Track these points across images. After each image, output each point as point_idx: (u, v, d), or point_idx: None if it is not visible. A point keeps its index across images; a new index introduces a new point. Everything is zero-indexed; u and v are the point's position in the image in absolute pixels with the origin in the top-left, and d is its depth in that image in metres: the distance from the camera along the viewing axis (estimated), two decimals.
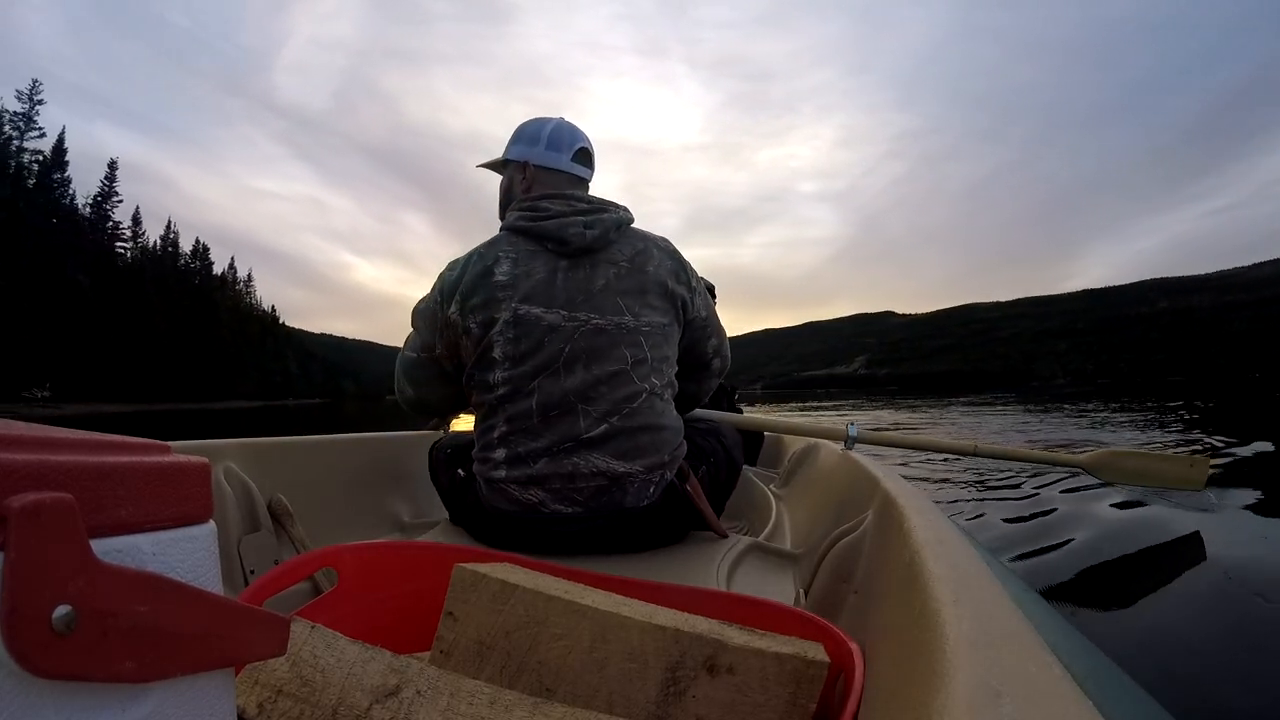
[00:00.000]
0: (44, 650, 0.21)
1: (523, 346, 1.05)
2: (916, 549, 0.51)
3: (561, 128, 1.21)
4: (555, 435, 1.02)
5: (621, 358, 1.05)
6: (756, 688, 0.51)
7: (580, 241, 1.07)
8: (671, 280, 1.12)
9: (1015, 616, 0.38)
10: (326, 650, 0.49)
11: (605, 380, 1.03)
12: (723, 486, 1.24)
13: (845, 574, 0.77)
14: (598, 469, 1.01)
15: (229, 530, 0.98)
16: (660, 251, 1.13)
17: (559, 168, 1.19)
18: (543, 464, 1.02)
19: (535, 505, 1.03)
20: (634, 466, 1.02)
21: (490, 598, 0.57)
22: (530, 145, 1.20)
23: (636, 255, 1.10)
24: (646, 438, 1.04)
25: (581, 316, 1.05)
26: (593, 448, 1.02)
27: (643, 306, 1.08)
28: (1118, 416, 8.34)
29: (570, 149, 1.20)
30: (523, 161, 1.20)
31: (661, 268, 1.11)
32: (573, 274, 1.08)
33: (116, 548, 0.25)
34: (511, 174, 1.23)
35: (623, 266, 1.09)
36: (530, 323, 1.05)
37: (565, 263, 1.08)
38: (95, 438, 0.26)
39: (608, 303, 1.06)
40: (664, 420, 1.07)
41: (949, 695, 0.29)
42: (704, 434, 1.24)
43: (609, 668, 0.53)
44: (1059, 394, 28.27)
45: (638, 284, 1.09)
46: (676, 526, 1.09)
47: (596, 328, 1.05)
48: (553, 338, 1.04)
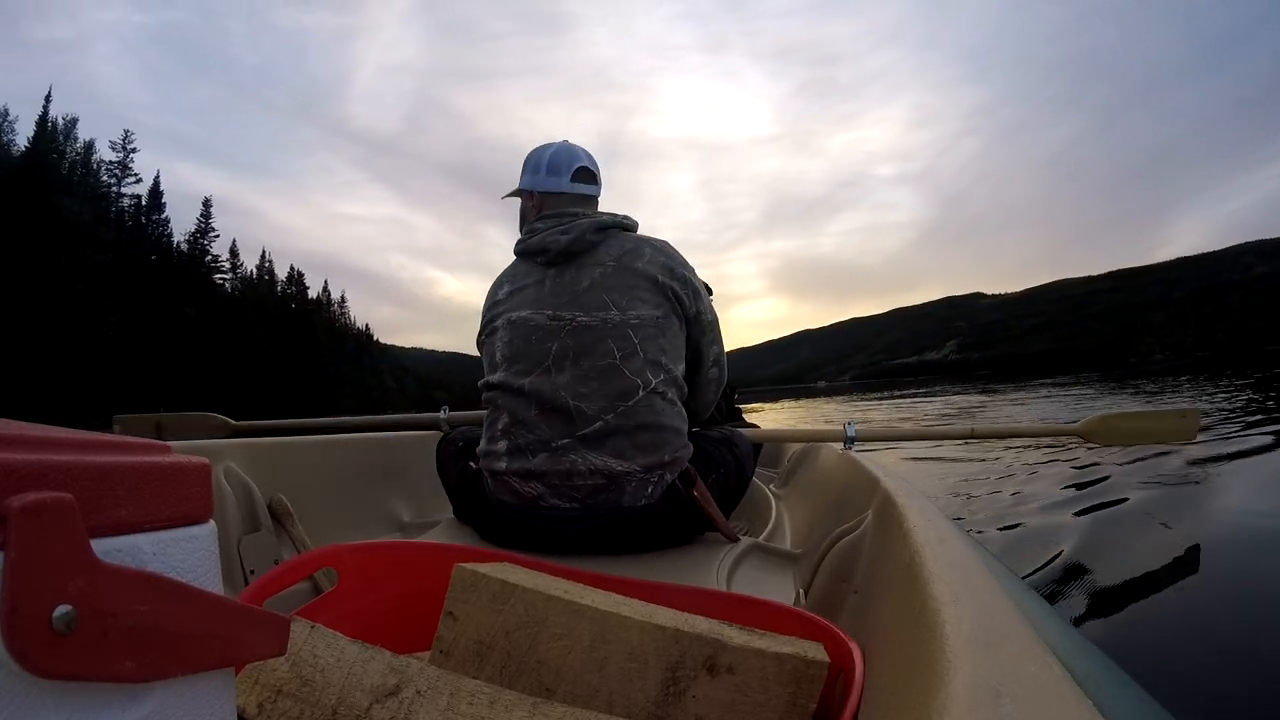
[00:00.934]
0: (44, 650, 0.21)
1: (515, 347, 1.11)
2: (916, 549, 0.51)
3: (560, 152, 1.27)
4: (552, 430, 1.05)
5: (609, 351, 1.07)
6: (756, 687, 0.51)
7: (556, 247, 1.13)
8: (663, 275, 1.13)
9: (1015, 616, 0.38)
10: (326, 650, 0.49)
11: (595, 375, 1.06)
12: (732, 494, 1.24)
13: (845, 574, 0.77)
14: (595, 467, 1.03)
15: (229, 530, 0.98)
16: (653, 250, 1.16)
17: (560, 190, 1.25)
18: (541, 459, 1.05)
19: (534, 499, 1.05)
20: (632, 465, 1.03)
21: (490, 597, 0.57)
22: (534, 174, 1.27)
23: (625, 254, 1.14)
24: (646, 436, 1.05)
25: (566, 315, 1.09)
26: (590, 445, 1.03)
27: (631, 300, 1.10)
28: (1219, 395, 7.50)
29: (569, 170, 1.26)
30: (530, 190, 1.28)
31: (652, 263, 1.13)
32: (560, 279, 1.13)
33: (117, 548, 0.25)
34: (523, 202, 1.30)
35: (609, 266, 1.12)
36: (520, 324, 1.12)
37: (553, 270, 1.14)
38: (95, 438, 0.26)
39: (593, 300, 1.09)
40: (664, 420, 1.07)
41: (949, 695, 0.29)
42: (716, 443, 1.24)
43: (609, 667, 0.53)
44: (1156, 369, 26.90)
45: (626, 280, 1.11)
46: (680, 529, 1.09)
47: (582, 325, 1.08)
48: (540, 336, 1.09)
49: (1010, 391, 13.52)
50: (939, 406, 11.29)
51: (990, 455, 4.72)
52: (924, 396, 14.42)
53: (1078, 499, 3.36)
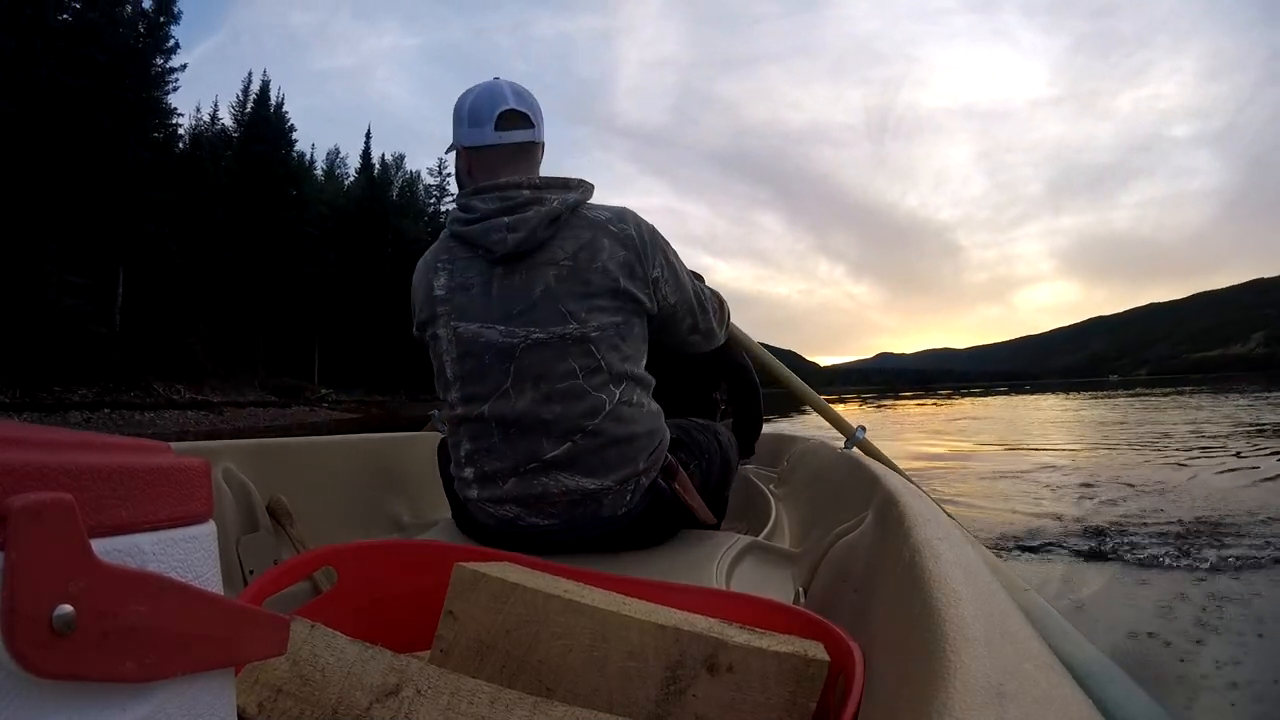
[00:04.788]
0: (44, 650, 0.21)
1: (468, 365, 1.00)
2: (916, 548, 0.51)
3: (481, 95, 1.06)
4: (518, 455, 0.98)
5: (570, 371, 0.97)
6: (756, 687, 0.51)
7: (502, 248, 0.97)
8: (624, 277, 1.00)
9: (1015, 616, 0.38)
10: (326, 650, 0.49)
11: (558, 398, 0.97)
12: (716, 484, 1.22)
13: (845, 573, 0.77)
14: (567, 488, 0.97)
15: (228, 530, 0.98)
16: (612, 240, 1.01)
17: (485, 143, 1.04)
18: (511, 484, 0.98)
19: (511, 519, 1.00)
20: (605, 482, 0.98)
21: (490, 597, 0.57)
22: (458, 125, 1.06)
23: (581, 250, 0.99)
24: (614, 452, 0.98)
25: (520, 332, 0.97)
26: (559, 468, 0.97)
27: (590, 310, 0.98)
28: None
29: (492, 118, 1.03)
30: (458, 147, 1.07)
31: (612, 260, 1.00)
32: (508, 281, 0.99)
33: (117, 547, 0.25)
34: (457, 161, 1.10)
35: (564, 267, 0.98)
36: (469, 340, 0.99)
37: (500, 269, 0.99)
38: (96, 438, 0.26)
39: (548, 312, 0.97)
40: (634, 428, 1.00)
41: (949, 695, 0.29)
42: (700, 429, 1.22)
43: (609, 667, 0.53)
44: None
45: (582, 286, 0.98)
46: (665, 527, 1.07)
47: (538, 341, 0.97)
48: (494, 357, 0.98)
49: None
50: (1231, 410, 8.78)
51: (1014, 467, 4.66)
52: (1210, 407, 10.43)
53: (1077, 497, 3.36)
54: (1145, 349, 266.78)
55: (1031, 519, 2.76)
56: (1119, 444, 5.99)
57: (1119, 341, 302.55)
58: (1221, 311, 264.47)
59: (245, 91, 36.44)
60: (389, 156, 49.51)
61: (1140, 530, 2.49)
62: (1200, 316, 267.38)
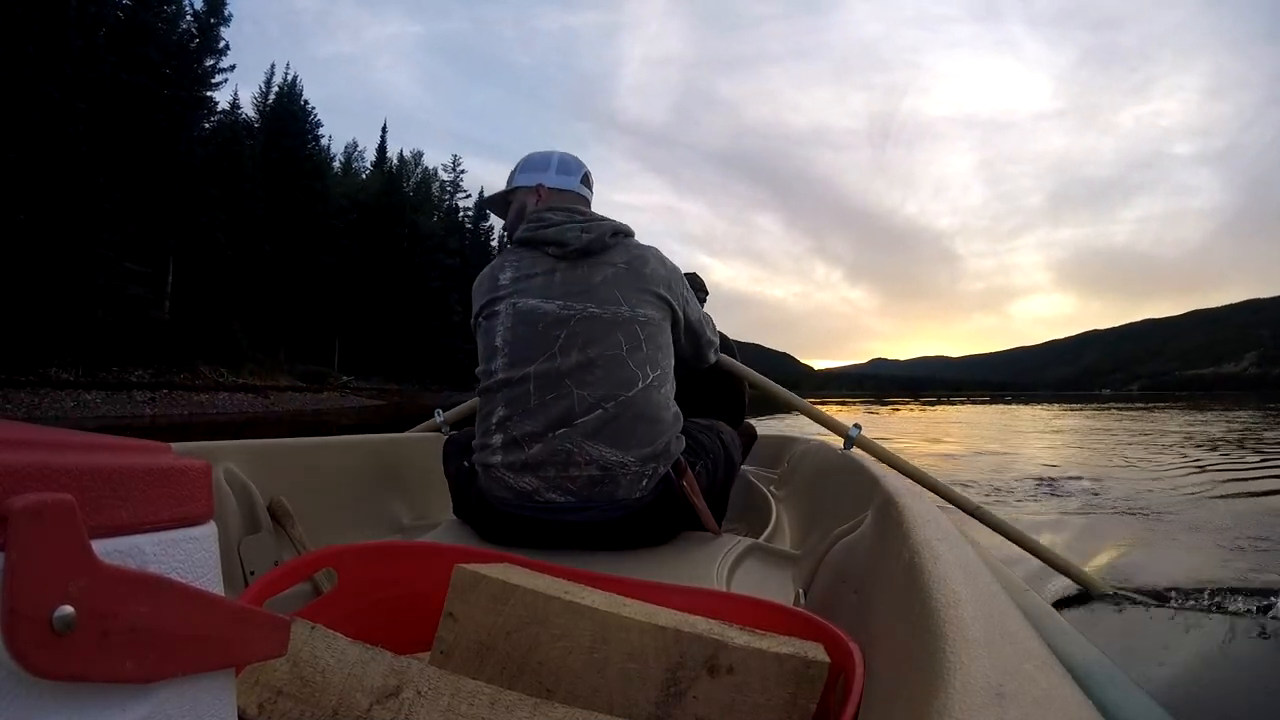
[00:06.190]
0: (44, 650, 0.21)
1: (520, 332, 1.12)
2: (916, 549, 0.51)
3: (567, 157, 1.34)
4: (550, 416, 1.06)
5: (617, 343, 1.10)
6: (757, 688, 0.51)
7: (577, 243, 1.15)
8: (663, 287, 1.19)
9: (1015, 616, 0.38)
10: (327, 651, 0.49)
11: (600, 363, 1.08)
12: (720, 485, 1.26)
13: (845, 574, 0.77)
14: (591, 457, 1.05)
15: (229, 531, 0.98)
16: (655, 260, 1.21)
17: (571, 189, 1.30)
18: (537, 449, 1.06)
19: (530, 493, 1.06)
20: (627, 456, 1.05)
21: (490, 598, 0.57)
22: (541, 171, 1.31)
23: (633, 260, 1.18)
24: (642, 429, 1.07)
25: (578, 305, 1.11)
26: (587, 435, 1.05)
27: (639, 301, 1.14)
28: None
29: (579, 173, 1.32)
30: (535, 185, 1.30)
31: (656, 274, 1.19)
32: (572, 272, 1.15)
33: (117, 548, 0.25)
34: (523, 197, 1.32)
35: (620, 267, 1.16)
36: (527, 312, 1.13)
37: (564, 263, 1.16)
38: (96, 438, 0.26)
39: (606, 294, 1.13)
40: (660, 413, 1.11)
41: (949, 695, 0.29)
42: (703, 429, 1.28)
43: (609, 668, 0.53)
44: None
45: (635, 283, 1.15)
46: (671, 523, 1.11)
47: (593, 315, 1.11)
48: (549, 324, 1.11)
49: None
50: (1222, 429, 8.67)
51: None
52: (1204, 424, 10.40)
53: (1077, 497, 3.36)
54: (1139, 364, 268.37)
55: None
56: (1076, 445, 6.33)
57: (1113, 356, 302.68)
58: (1215, 330, 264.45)
59: (268, 83, 36.73)
60: (407, 152, 49.91)
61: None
62: (1194, 334, 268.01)
